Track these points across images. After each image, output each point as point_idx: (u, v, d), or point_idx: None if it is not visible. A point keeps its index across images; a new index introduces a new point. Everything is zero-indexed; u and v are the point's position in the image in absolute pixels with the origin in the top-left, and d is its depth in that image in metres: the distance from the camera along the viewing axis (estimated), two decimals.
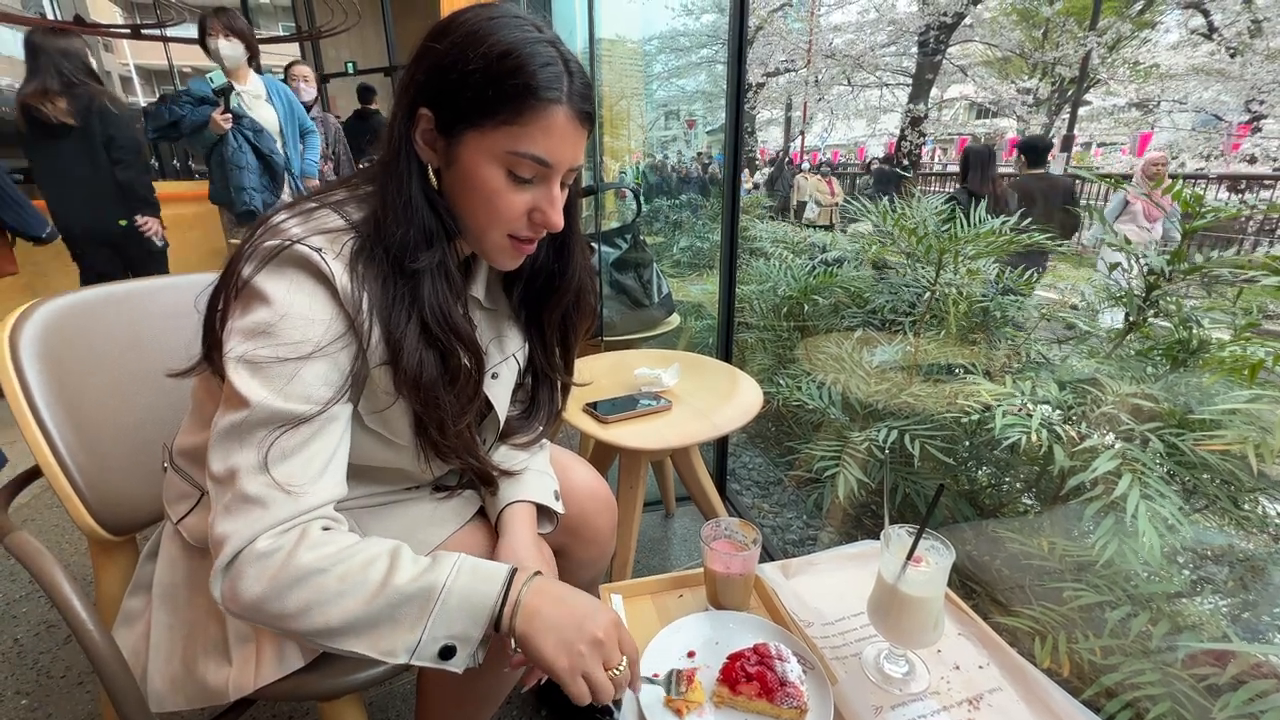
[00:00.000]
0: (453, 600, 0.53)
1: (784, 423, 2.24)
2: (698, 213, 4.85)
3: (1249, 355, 1.01)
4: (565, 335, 0.79)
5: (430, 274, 0.59)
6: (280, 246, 0.54)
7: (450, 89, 0.56)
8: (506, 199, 0.58)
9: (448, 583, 0.53)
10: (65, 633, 1.32)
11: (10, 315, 0.72)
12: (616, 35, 4.28)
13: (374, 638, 0.53)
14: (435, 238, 0.59)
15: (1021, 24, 11.45)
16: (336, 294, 0.55)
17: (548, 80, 0.55)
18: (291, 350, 0.53)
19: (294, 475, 0.53)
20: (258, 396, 0.52)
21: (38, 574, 0.60)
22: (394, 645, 0.52)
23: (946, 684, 0.67)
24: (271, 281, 0.54)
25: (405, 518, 0.72)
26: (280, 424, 0.53)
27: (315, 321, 0.54)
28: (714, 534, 0.79)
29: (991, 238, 1.56)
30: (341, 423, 0.58)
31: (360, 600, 0.52)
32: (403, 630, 0.53)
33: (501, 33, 0.55)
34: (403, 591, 0.52)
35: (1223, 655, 0.82)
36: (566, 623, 0.54)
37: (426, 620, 0.52)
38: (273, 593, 0.51)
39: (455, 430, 0.64)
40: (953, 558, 0.62)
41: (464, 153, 0.57)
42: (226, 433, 0.53)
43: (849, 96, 12.93)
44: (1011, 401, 1.20)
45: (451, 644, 0.53)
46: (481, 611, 0.53)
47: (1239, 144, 9.86)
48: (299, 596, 0.51)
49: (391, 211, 0.57)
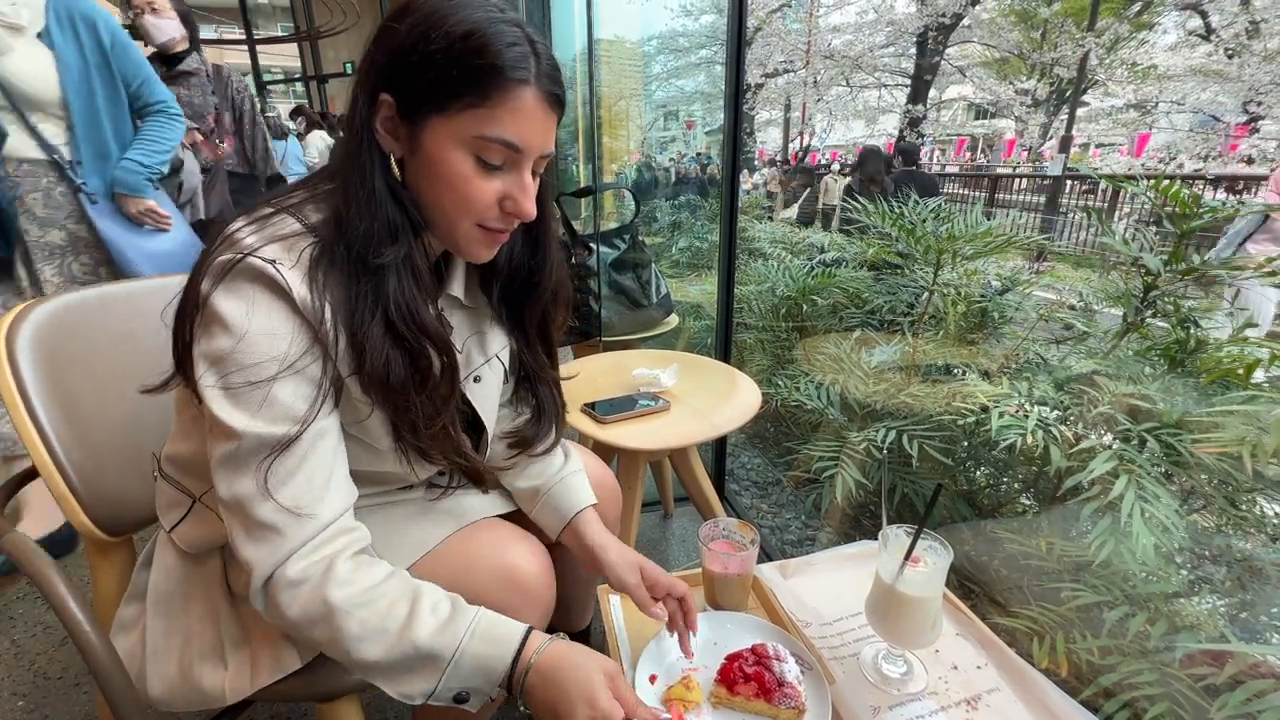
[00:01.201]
0: (465, 661, 0.55)
1: (783, 423, 2.25)
2: (696, 213, 4.86)
3: (1245, 355, 1.02)
4: (544, 328, 0.77)
5: (395, 270, 0.56)
6: (232, 261, 0.52)
7: (411, 71, 0.54)
8: (476, 187, 0.56)
9: (462, 644, 0.55)
10: (62, 634, 1.32)
11: (6, 316, 0.72)
12: (615, 36, 4.28)
13: (391, 682, 0.55)
14: (400, 231, 0.56)
15: (1020, 25, 11.47)
16: (295, 306, 0.53)
17: (514, 60, 0.53)
18: (258, 372, 0.52)
19: (299, 497, 0.54)
20: (242, 425, 0.52)
21: (34, 575, 0.59)
22: (410, 691, 0.55)
23: (944, 684, 0.67)
24: (228, 301, 0.52)
25: (400, 518, 0.72)
26: (270, 449, 0.53)
27: (277, 337, 0.53)
28: (712, 534, 0.79)
29: (989, 238, 1.57)
30: (332, 435, 0.58)
31: (379, 648, 0.54)
32: (418, 680, 0.55)
33: (463, 12, 0.53)
34: (419, 647, 0.54)
35: (1220, 655, 0.82)
36: (575, 694, 0.54)
37: (440, 677, 0.54)
38: (305, 621, 0.54)
39: (430, 432, 0.62)
40: (950, 558, 0.62)
41: (428, 139, 0.55)
42: (223, 462, 0.53)
43: (847, 97, 12.96)
44: (1008, 402, 1.20)
45: (465, 693, 0.56)
46: (495, 674, 0.55)
47: (1236, 144, 9.89)
48: (323, 632, 0.54)
49: (354, 204, 0.55)
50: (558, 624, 0.99)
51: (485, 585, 0.66)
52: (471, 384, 0.71)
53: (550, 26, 2.52)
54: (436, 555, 0.69)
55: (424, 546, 0.69)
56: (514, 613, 0.65)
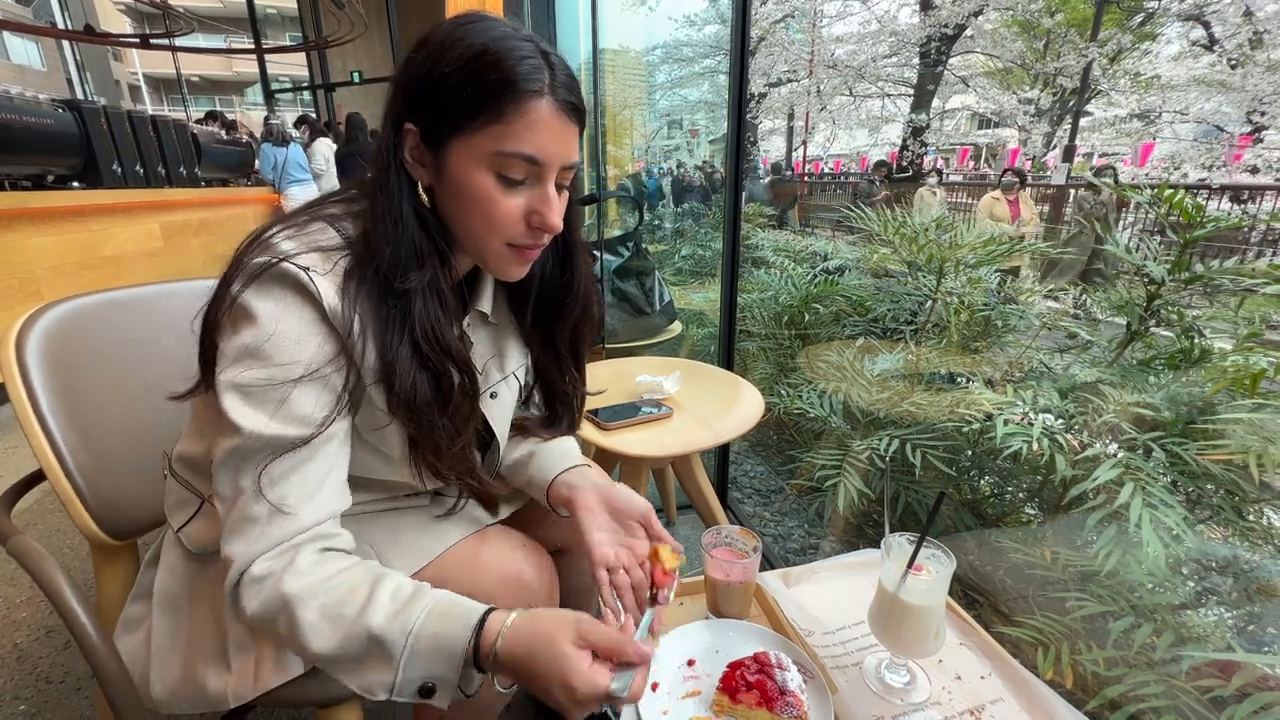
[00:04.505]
0: (422, 645, 0.52)
1: (785, 431, 2.24)
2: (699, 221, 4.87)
3: (1251, 365, 1.01)
4: (575, 347, 0.78)
5: (422, 294, 0.57)
6: (267, 264, 0.53)
7: (430, 97, 0.55)
8: (501, 204, 0.57)
9: (416, 627, 0.52)
10: (65, 638, 1.32)
11: (17, 320, 0.73)
12: (620, 45, 4.31)
13: (351, 674, 0.53)
14: (426, 257, 0.58)
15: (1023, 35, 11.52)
16: (325, 314, 0.54)
17: (527, 73, 0.54)
18: (281, 373, 0.52)
19: (286, 497, 0.53)
20: (249, 424, 0.52)
21: (39, 578, 0.60)
22: (371, 683, 0.52)
23: (948, 694, 0.67)
24: (259, 300, 0.53)
25: (406, 525, 0.72)
26: (273, 450, 0.53)
27: (304, 342, 0.53)
28: (714, 541, 0.79)
29: (992, 246, 1.57)
30: (338, 440, 0.57)
31: (335, 637, 0.52)
32: (378, 671, 0.52)
33: (476, 35, 0.54)
34: (373, 632, 0.51)
35: (1228, 667, 0.82)
36: (552, 678, 0.50)
37: (398, 663, 0.51)
38: (266, 615, 0.52)
39: (450, 453, 0.63)
40: (954, 566, 0.62)
41: (452, 162, 0.56)
42: (225, 458, 0.53)
43: (850, 106, 13.00)
44: (1013, 410, 1.20)
45: (430, 684, 0.52)
46: (454, 655, 0.52)
47: (1240, 154, 9.89)
48: (283, 623, 0.52)
49: (381, 229, 0.56)
50: None
51: (491, 592, 0.66)
52: (488, 399, 0.71)
53: (556, 36, 2.55)
54: (443, 562, 0.69)
55: (430, 554, 0.69)
56: None
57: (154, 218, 3.71)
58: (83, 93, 15.90)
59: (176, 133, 4.40)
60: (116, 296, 0.83)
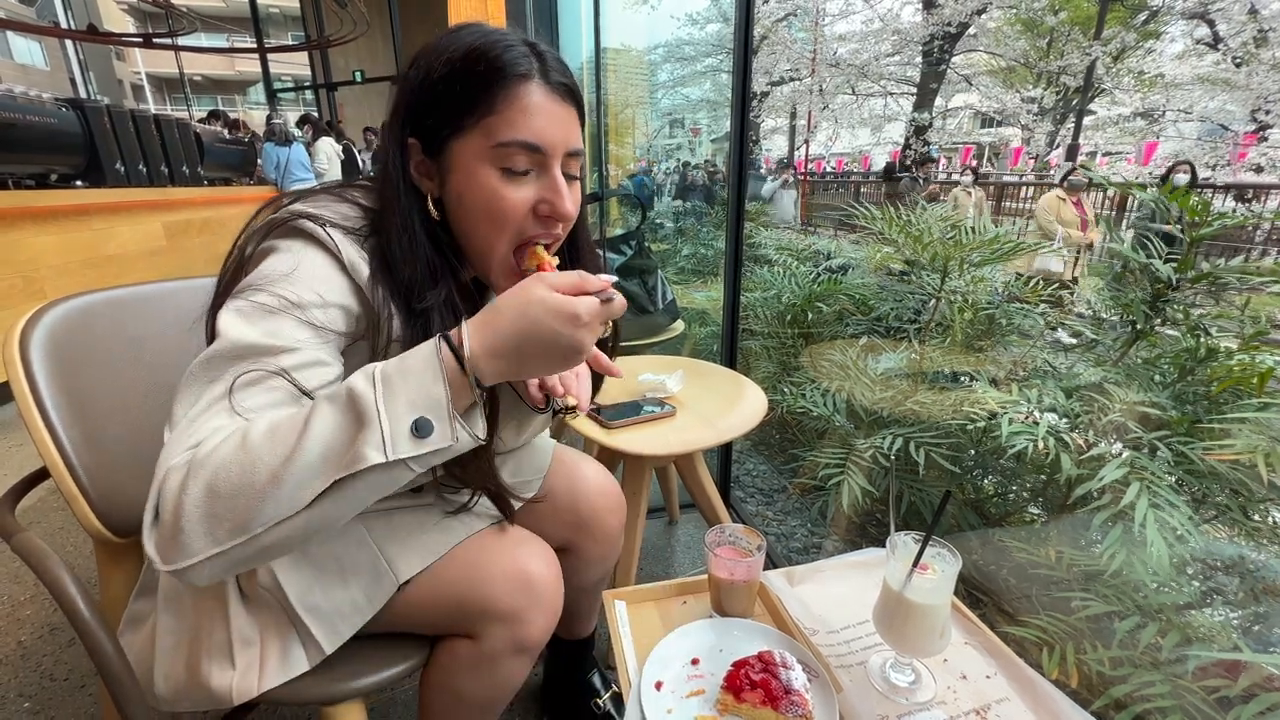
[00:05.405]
0: (391, 375, 0.46)
1: (789, 430, 2.24)
2: (702, 220, 4.87)
3: (1258, 364, 1.01)
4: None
5: (439, 311, 0.58)
6: (292, 215, 0.54)
7: (425, 105, 0.56)
8: (506, 197, 0.56)
9: (377, 373, 0.46)
10: (69, 636, 1.32)
11: (20, 318, 0.73)
12: (622, 44, 4.31)
13: (329, 461, 0.44)
14: (440, 273, 0.58)
15: (1026, 34, 11.48)
16: (345, 268, 0.54)
17: (514, 59, 0.54)
18: (291, 296, 0.51)
19: (245, 400, 0.48)
20: (241, 333, 0.48)
21: (44, 575, 0.60)
22: (358, 452, 0.44)
23: (953, 694, 0.66)
24: (283, 241, 0.54)
25: (411, 523, 0.72)
26: (256, 354, 0.48)
27: (330, 283, 0.53)
28: (718, 540, 0.79)
29: (996, 245, 1.56)
30: (320, 374, 0.51)
31: (290, 436, 0.44)
32: (358, 431, 0.44)
33: (463, 38, 0.55)
34: (340, 396, 0.45)
35: (1234, 667, 0.81)
36: (542, 325, 0.47)
37: (376, 406, 0.44)
38: (201, 504, 0.44)
39: (475, 465, 0.63)
40: (959, 565, 0.62)
41: (453, 165, 0.56)
42: (200, 367, 0.48)
43: (853, 105, 12.99)
44: (1018, 409, 1.19)
45: (422, 416, 0.45)
46: (429, 364, 0.46)
47: (1245, 153, 9.85)
48: (228, 506, 0.43)
49: (397, 246, 0.56)
50: (561, 632, 0.99)
51: (497, 588, 0.66)
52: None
53: (558, 35, 2.55)
54: (449, 559, 0.69)
55: (436, 551, 0.69)
56: (524, 615, 0.65)
57: (157, 217, 3.72)
58: (86, 92, 15.94)
59: (179, 132, 4.41)
60: (119, 295, 0.83)
